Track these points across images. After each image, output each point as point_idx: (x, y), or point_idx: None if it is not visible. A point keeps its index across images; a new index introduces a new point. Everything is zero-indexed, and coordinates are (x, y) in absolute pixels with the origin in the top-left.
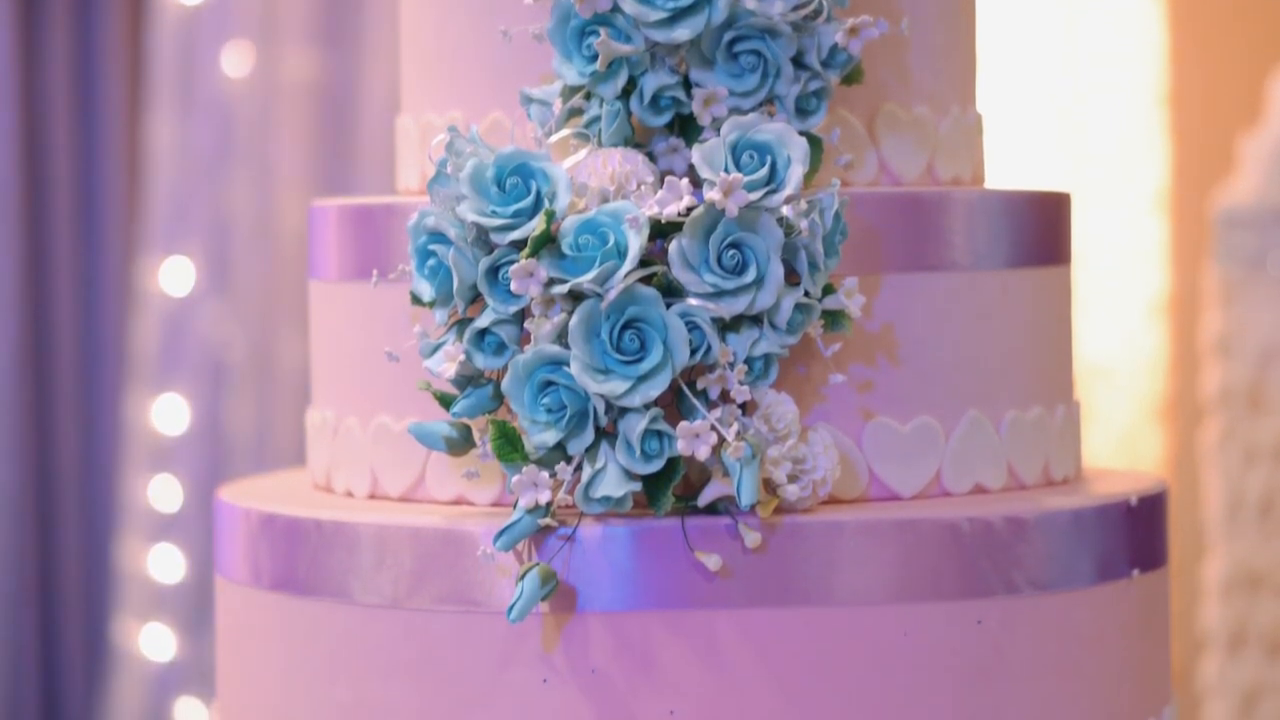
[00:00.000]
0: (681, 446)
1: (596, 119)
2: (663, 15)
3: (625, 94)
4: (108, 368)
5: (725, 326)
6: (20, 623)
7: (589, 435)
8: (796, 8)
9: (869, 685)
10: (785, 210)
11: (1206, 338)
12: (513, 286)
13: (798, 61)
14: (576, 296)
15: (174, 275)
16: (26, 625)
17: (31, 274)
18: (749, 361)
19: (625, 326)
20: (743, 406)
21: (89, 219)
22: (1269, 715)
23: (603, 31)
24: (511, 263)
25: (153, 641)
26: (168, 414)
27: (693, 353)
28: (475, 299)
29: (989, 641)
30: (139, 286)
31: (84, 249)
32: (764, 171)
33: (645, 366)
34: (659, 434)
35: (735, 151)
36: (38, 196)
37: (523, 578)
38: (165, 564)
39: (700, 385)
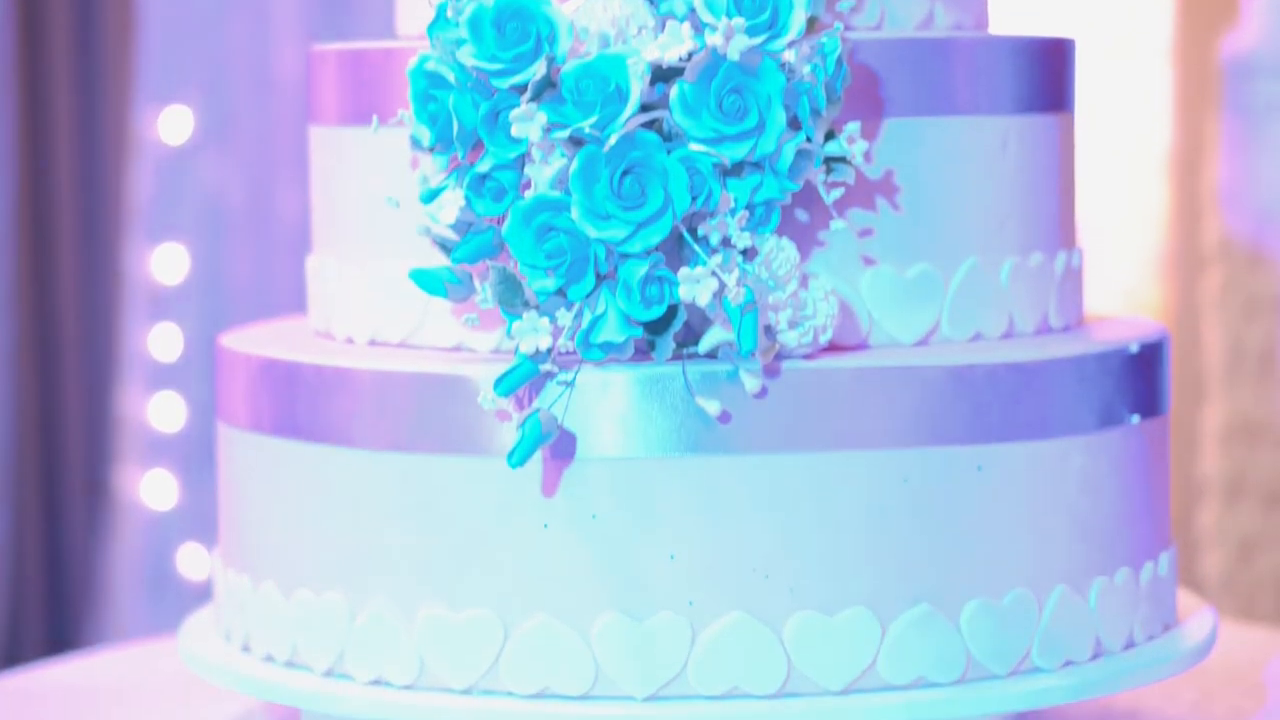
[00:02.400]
0: (682, 292)
1: None
2: None
3: None
4: (106, 218)
5: (726, 172)
6: (22, 474)
7: (589, 281)
8: None
9: (868, 530)
10: (787, 55)
11: (1209, 189)
12: (513, 131)
13: None
14: (577, 142)
15: (172, 124)
16: (28, 476)
17: (29, 125)
18: (750, 207)
19: (626, 172)
20: (743, 253)
21: (85, 69)
22: (1266, 565)
23: None
24: (512, 107)
25: (154, 489)
26: (167, 263)
27: (694, 198)
28: (475, 144)
29: (989, 487)
30: (136, 136)
31: (81, 99)
32: (766, 15)
33: (646, 212)
34: (660, 280)
35: None
36: (34, 47)
37: (523, 423)
38: (166, 412)
39: (701, 231)
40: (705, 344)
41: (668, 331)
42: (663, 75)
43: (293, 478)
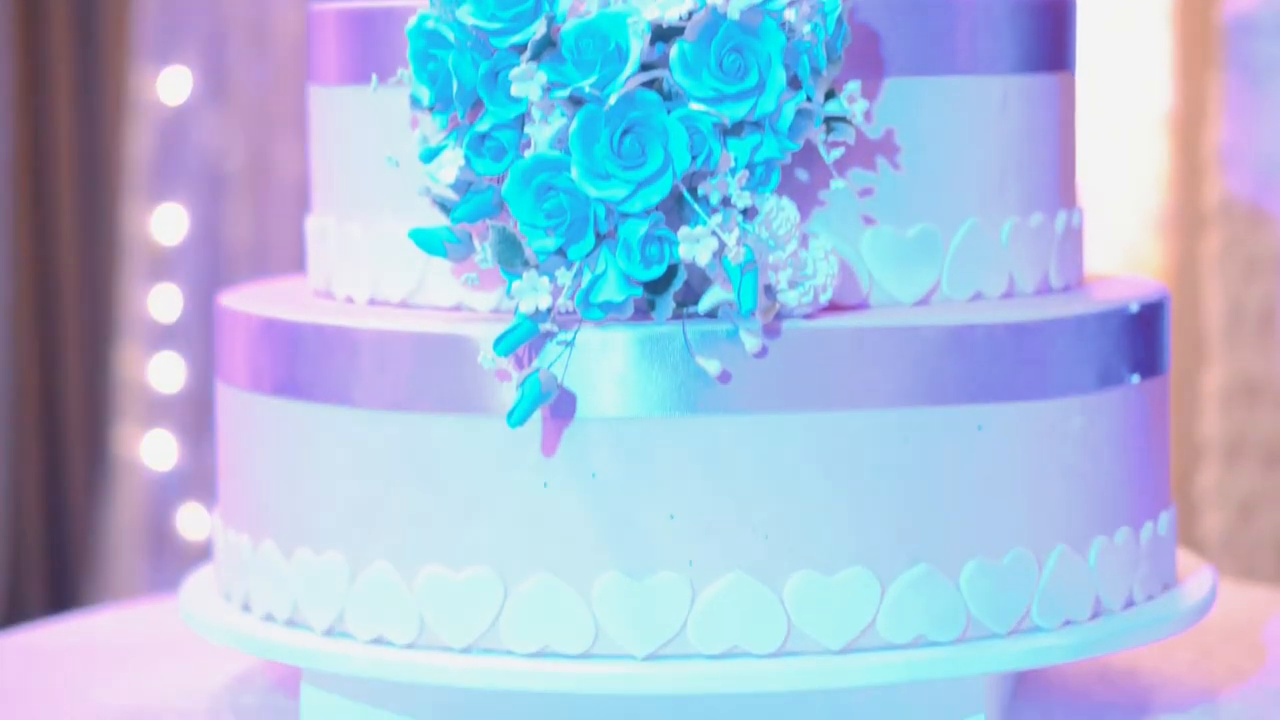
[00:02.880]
0: (682, 252)
1: None
2: None
3: None
4: (105, 179)
5: (726, 132)
6: (22, 435)
7: (589, 241)
8: None
9: (868, 489)
10: (788, 14)
11: (1210, 149)
12: (513, 91)
13: None
14: (577, 101)
15: (171, 84)
16: (29, 437)
17: (29, 85)
18: (750, 167)
19: (626, 131)
20: (743, 212)
21: (84, 30)
22: (1265, 525)
23: None
24: (511, 67)
25: (154, 450)
26: (166, 223)
27: (694, 158)
28: (475, 104)
29: (989, 447)
30: (136, 96)
31: (80, 60)
32: None
33: (646, 171)
34: (659, 239)
35: None
36: (34, 9)
37: (523, 383)
38: (166, 373)
39: (701, 191)
40: (705, 304)
41: (668, 291)
42: (663, 34)
43: (293, 437)
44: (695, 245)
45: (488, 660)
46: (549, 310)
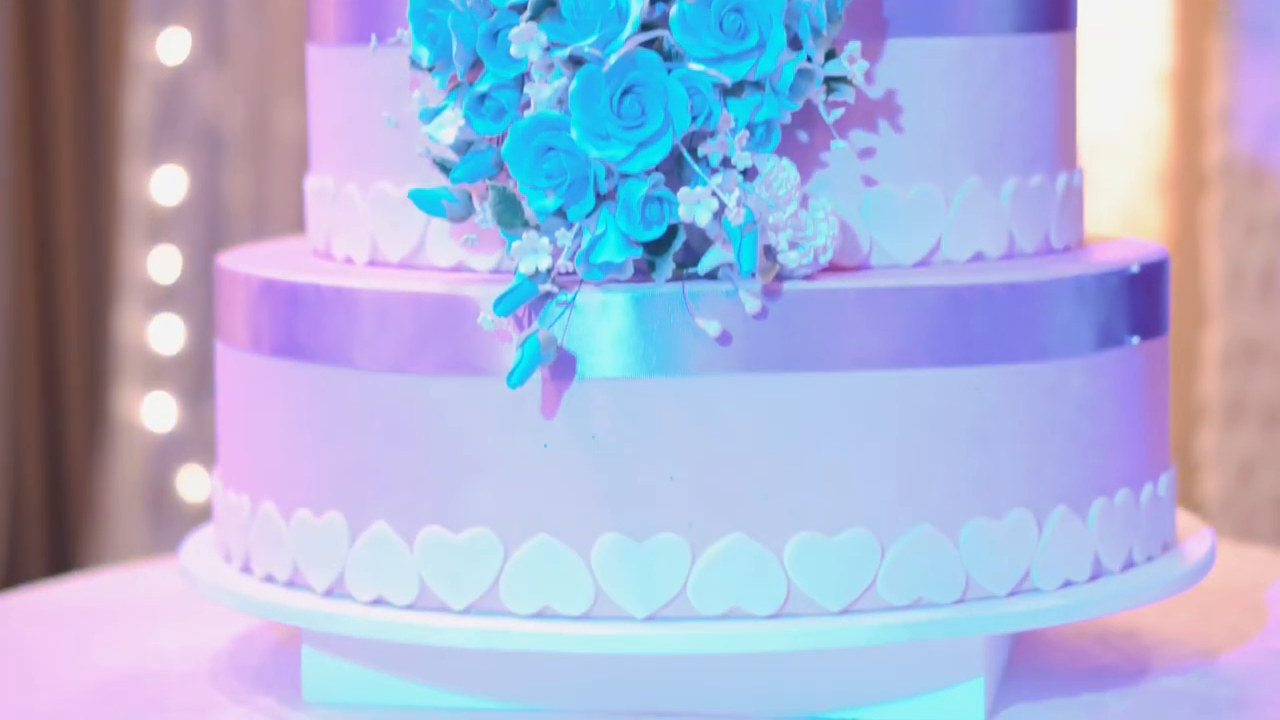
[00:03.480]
0: (682, 213)
1: None
2: None
3: None
4: (104, 140)
5: (727, 92)
6: (22, 397)
7: (589, 201)
8: None
9: (867, 451)
10: None
11: (1210, 108)
12: (512, 51)
13: None
14: (577, 61)
15: (170, 45)
16: (28, 399)
17: (27, 48)
18: (750, 127)
19: (626, 92)
20: (744, 173)
21: None
22: (1265, 485)
23: None
24: (511, 26)
25: (154, 412)
26: (166, 184)
27: (694, 118)
28: (474, 64)
29: (988, 408)
30: (135, 57)
31: (79, 21)
32: None
33: (646, 132)
34: (660, 200)
35: None
36: None
37: (523, 343)
38: (165, 334)
39: (701, 151)
40: (705, 264)
41: (668, 252)
42: None
43: (292, 398)
44: (695, 206)
45: (487, 621)
46: (549, 271)
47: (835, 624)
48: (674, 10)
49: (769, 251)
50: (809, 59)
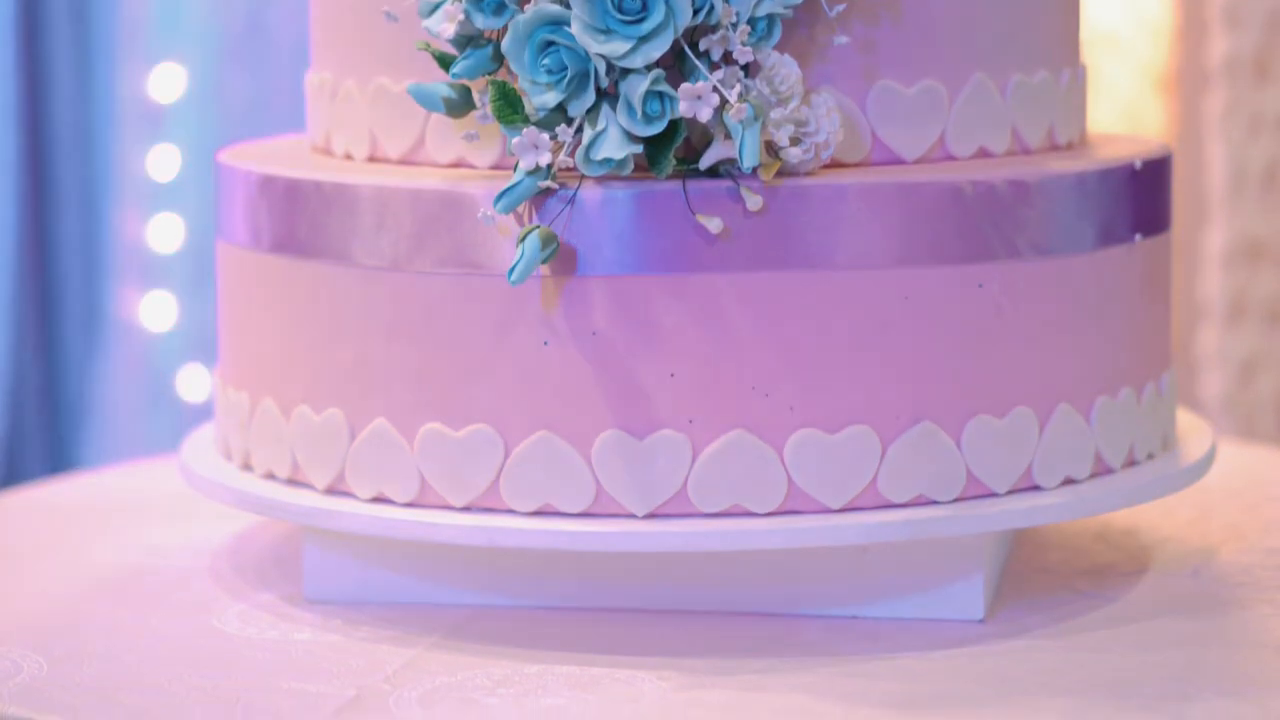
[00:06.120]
0: (683, 108)
1: None
2: None
3: None
4: (102, 38)
5: None
6: (21, 298)
7: (590, 96)
8: None
9: (869, 348)
10: None
11: (1213, 5)
12: None
13: None
14: None
15: None
16: (27, 300)
17: None
18: (752, 22)
19: None
20: (745, 68)
21: None
22: (1266, 385)
23: None
24: None
25: (153, 311)
26: (165, 82)
27: (695, 12)
28: None
29: (990, 305)
30: None
31: None
32: None
33: (647, 26)
34: (661, 95)
35: None
36: None
37: (523, 240)
38: (164, 233)
39: (703, 46)
40: (706, 160)
41: (669, 148)
42: None
43: (292, 295)
44: (697, 102)
45: (488, 519)
46: (549, 167)
47: (835, 521)
48: None
49: (770, 147)
50: None
